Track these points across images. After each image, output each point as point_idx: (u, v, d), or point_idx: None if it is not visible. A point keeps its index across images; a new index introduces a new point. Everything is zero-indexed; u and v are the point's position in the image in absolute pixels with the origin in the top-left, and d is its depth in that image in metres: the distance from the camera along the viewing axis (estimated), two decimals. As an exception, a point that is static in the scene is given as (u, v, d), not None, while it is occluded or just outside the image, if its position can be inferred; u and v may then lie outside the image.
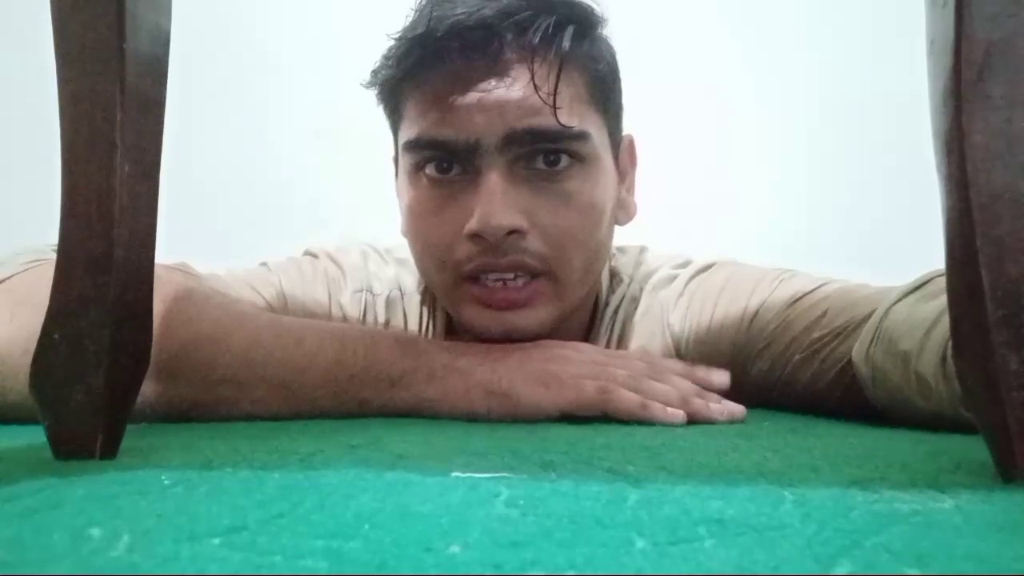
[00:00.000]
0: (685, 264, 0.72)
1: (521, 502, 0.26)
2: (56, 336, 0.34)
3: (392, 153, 0.68)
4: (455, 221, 0.58)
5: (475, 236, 0.57)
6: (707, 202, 1.33)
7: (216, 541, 0.21)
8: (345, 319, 0.69)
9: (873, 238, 1.26)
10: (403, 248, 0.73)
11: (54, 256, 0.56)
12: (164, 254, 0.55)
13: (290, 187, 1.38)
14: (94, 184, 0.34)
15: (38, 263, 0.54)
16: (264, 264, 0.72)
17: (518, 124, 0.56)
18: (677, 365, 0.59)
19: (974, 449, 0.37)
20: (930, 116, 0.32)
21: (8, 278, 0.53)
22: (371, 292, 0.71)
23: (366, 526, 0.23)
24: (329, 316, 0.68)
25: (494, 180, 0.57)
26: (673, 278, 0.70)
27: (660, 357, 0.63)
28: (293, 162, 1.40)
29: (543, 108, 0.56)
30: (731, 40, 1.38)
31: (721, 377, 0.58)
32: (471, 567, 0.19)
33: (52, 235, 0.37)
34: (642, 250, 0.75)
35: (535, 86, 0.56)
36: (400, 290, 0.71)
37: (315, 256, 0.73)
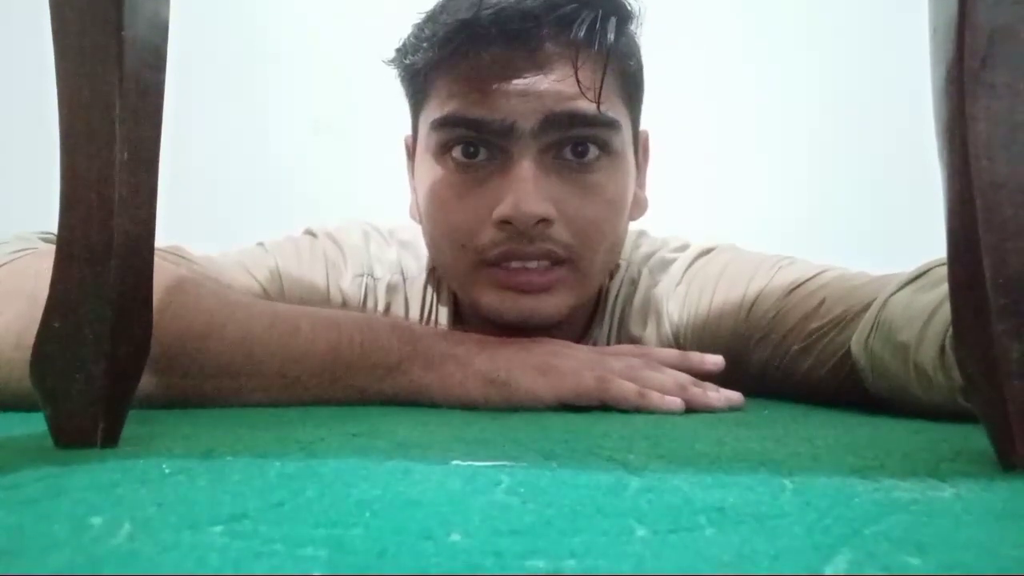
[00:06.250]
0: (683, 248, 0.72)
1: (522, 490, 0.26)
2: (56, 325, 0.34)
3: (408, 134, 0.68)
4: (481, 206, 0.58)
5: (503, 222, 0.57)
6: (707, 194, 1.33)
7: (217, 529, 0.21)
8: (345, 304, 0.68)
9: (874, 227, 1.26)
10: (406, 229, 0.73)
11: (41, 244, 0.56)
12: (164, 242, 0.55)
13: (290, 177, 1.38)
14: (93, 173, 0.34)
15: (24, 252, 0.53)
16: (261, 244, 0.71)
17: (557, 107, 0.56)
18: (671, 353, 0.59)
19: (974, 437, 0.37)
20: (932, 104, 0.32)
21: None
22: (372, 276, 0.70)
23: (367, 514, 0.23)
24: (327, 299, 0.67)
25: (526, 167, 0.57)
26: (671, 262, 0.70)
27: (652, 348, 0.63)
28: (293, 152, 1.40)
29: (581, 96, 0.56)
30: (732, 31, 1.37)
31: (715, 360, 0.58)
32: (471, 555, 0.19)
33: (51, 225, 0.37)
34: (640, 234, 0.75)
35: (578, 82, 0.56)
36: (402, 274, 0.70)
37: (314, 236, 0.72)
